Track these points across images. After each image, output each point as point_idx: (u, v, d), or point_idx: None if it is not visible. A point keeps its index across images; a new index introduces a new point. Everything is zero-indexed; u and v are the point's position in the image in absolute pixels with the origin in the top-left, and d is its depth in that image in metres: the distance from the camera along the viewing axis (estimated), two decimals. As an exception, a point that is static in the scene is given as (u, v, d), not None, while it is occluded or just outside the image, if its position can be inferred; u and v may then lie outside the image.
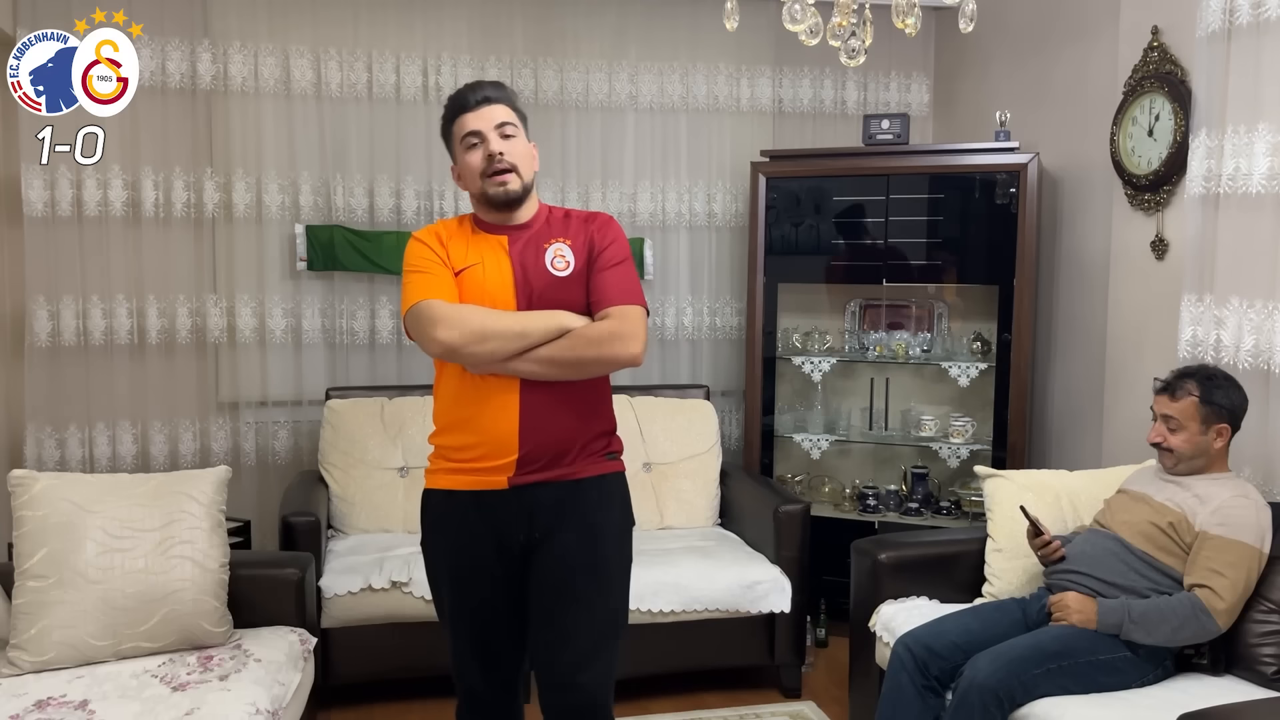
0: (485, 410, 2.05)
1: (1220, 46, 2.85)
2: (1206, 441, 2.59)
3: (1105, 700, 2.37)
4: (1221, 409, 2.58)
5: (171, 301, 4.05)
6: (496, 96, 2.12)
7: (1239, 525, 2.46)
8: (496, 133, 2.09)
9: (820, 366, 4.19)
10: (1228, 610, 2.42)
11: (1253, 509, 2.50)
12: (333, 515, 3.80)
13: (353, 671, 3.31)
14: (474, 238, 2.15)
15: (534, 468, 2.05)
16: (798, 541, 3.51)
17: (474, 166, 2.10)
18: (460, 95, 2.13)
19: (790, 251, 4.20)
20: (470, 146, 2.11)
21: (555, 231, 2.15)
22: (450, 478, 2.13)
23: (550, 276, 2.09)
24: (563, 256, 2.12)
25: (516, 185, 2.10)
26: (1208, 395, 2.58)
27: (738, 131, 4.51)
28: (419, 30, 4.17)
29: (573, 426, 2.08)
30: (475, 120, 2.10)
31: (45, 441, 3.94)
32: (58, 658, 2.48)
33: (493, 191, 2.09)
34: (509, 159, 2.08)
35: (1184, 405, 2.59)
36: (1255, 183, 2.77)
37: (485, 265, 2.11)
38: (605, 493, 2.14)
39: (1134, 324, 3.41)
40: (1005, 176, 3.85)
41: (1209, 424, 2.58)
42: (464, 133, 2.11)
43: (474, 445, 2.07)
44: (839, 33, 2.65)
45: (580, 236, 2.14)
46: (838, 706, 3.39)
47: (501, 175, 2.08)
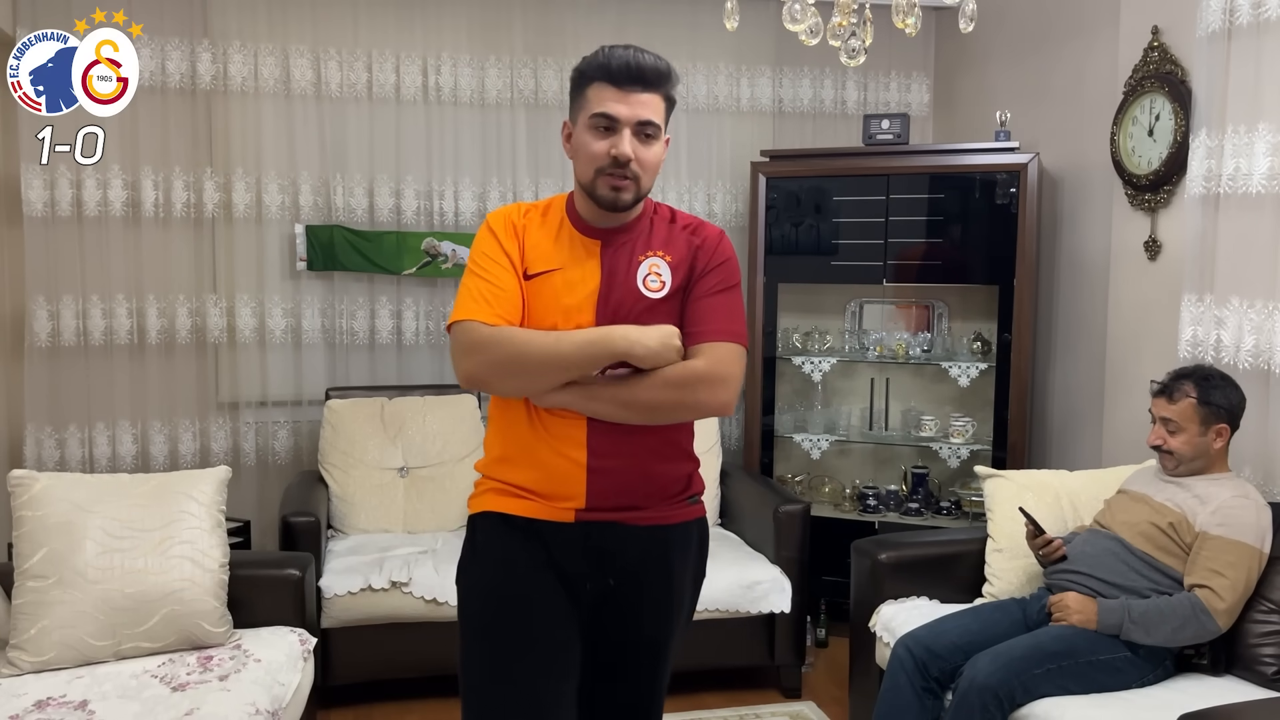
0: (545, 444, 1.76)
1: (1220, 46, 2.85)
2: (1206, 442, 2.58)
3: (1105, 700, 2.37)
4: (1220, 409, 2.57)
5: (171, 301, 4.05)
6: (655, 83, 1.74)
7: (1239, 525, 2.46)
8: (635, 130, 1.73)
9: (820, 366, 4.18)
10: (1228, 610, 2.42)
11: (1253, 509, 2.49)
12: (333, 515, 3.80)
13: (353, 671, 3.31)
14: (563, 232, 1.82)
15: (605, 508, 1.77)
16: (798, 541, 3.51)
17: (593, 154, 1.74)
18: (613, 62, 1.73)
19: (790, 251, 4.20)
20: (598, 129, 1.74)
21: (656, 241, 1.82)
22: (504, 500, 1.80)
23: (640, 297, 1.77)
24: (658, 274, 1.79)
25: (631, 196, 1.76)
26: (1205, 396, 2.57)
27: (738, 131, 4.51)
28: (419, 30, 4.17)
29: (649, 468, 1.79)
30: (617, 104, 1.72)
31: (45, 441, 3.94)
32: (57, 658, 2.48)
33: (602, 194, 1.75)
34: (636, 168, 1.74)
35: (1182, 407, 2.59)
36: (1255, 183, 2.77)
37: (569, 273, 1.79)
38: (685, 542, 1.87)
39: (1134, 324, 3.41)
40: (1005, 176, 3.85)
41: (1208, 425, 2.58)
42: (597, 110, 1.73)
43: (533, 481, 1.78)
44: (839, 33, 2.65)
45: (683, 251, 1.82)
46: (838, 707, 3.39)
47: (620, 181, 1.74)
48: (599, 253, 1.80)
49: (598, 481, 1.74)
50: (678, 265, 1.81)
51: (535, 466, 1.77)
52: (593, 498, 1.75)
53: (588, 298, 1.77)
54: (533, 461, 1.77)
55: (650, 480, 1.80)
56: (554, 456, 1.75)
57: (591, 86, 1.74)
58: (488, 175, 4.26)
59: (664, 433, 1.80)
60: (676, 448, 1.84)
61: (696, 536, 1.90)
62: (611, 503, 1.76)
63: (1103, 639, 2.46)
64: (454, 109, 4.20)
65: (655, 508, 1.81)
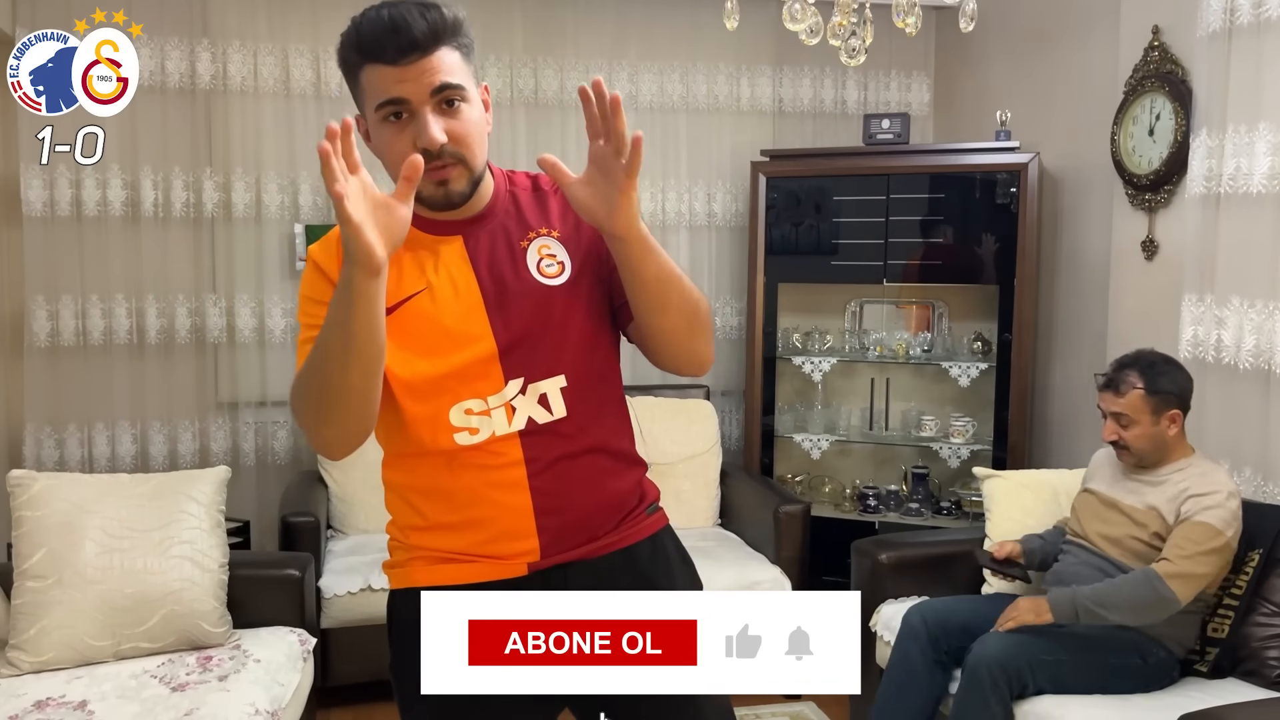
0: (476, 493, 1.43)
1: (1221, 46, 2.85)
2: (1161, 431, 2.53)
3: (1106, 700, 2.37)
4: (1169, 395, 2.51)
5: (171, 301, 4.05)
6: (434, 39, 1.34)
7: (1205, 509, 2.42)
8: (434, 104, 1.35)
9: (820, 366, 4.18)
10: (1181, 576, 2.35)
11: (1221, 496, 2.44)
12: (332, 515, 3.80)
13: (352, 672, 3.31)
14: (411, 242, 1.36)
15: (561, 549, 1.46)
16: (798, 541, 3.51)
17: (397, 152, 1.35)
18: (371, 33, 1.36)
19: (790, 251, 4.20)
20: (390, 119, 1.36)
21: (530, 217, 1.47)
22: (436, 569, 1.45)
23: (540, 290, 1.43)
24: (552, 256, 1.45)
25: (463, 183, 1.39)
26: (1153, 384, 2.51)
27: (738, 131, 4.51)
28: (418, 30, 4.16)
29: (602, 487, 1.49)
30: (397, 82, 1.34)
31: (44, 441, 3.94)
32: (57, 658, 2.48)
33: (428, 195, 1.38)
34: (454, 148, 1.36)
35: (1130, 399, 2.53)
36: (1256, 182, 2.76)
37: (438, 289, 1.42)
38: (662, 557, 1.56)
39: (1134, 324, 3.41)
40: (1006, 176, 3.85)
41: (1160, 413, 2.52)
42: (381, 98, 1.35)
43: (472, 543, 1.45)
44: (839, 32, 2.65)
45: (565, 221, 1.48)
46: (838, 706, 3.38)
47: (441, 172, 1.36)
48: (464, 252, 1.44)
49: (551, 522, 1.44)
50: (568, 238, 1.46)
51: (471, 527, 1.43)
52: (547, 543, 1.44)
53: (474, 311, 1.41)
54: (466, 521, 1.43)
55: (606, 503, 1.49)
56: (492, 508, 1.42)
57: (364, 72, 1.38)
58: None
59: (611, 441, 1.50)
60: (624, 455, 1.53)
61: (672, 548, 1.59)
62: (569, 542, 1.45)
63: (1115, 639, 2.42)
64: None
65: (615, 529, 1.50)
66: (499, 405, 1.41)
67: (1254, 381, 2.75)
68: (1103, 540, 2.60)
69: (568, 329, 1.44)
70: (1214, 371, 2.90)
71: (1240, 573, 2.52)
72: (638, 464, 1.57)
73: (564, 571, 1.46)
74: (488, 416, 1.41)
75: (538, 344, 1.42)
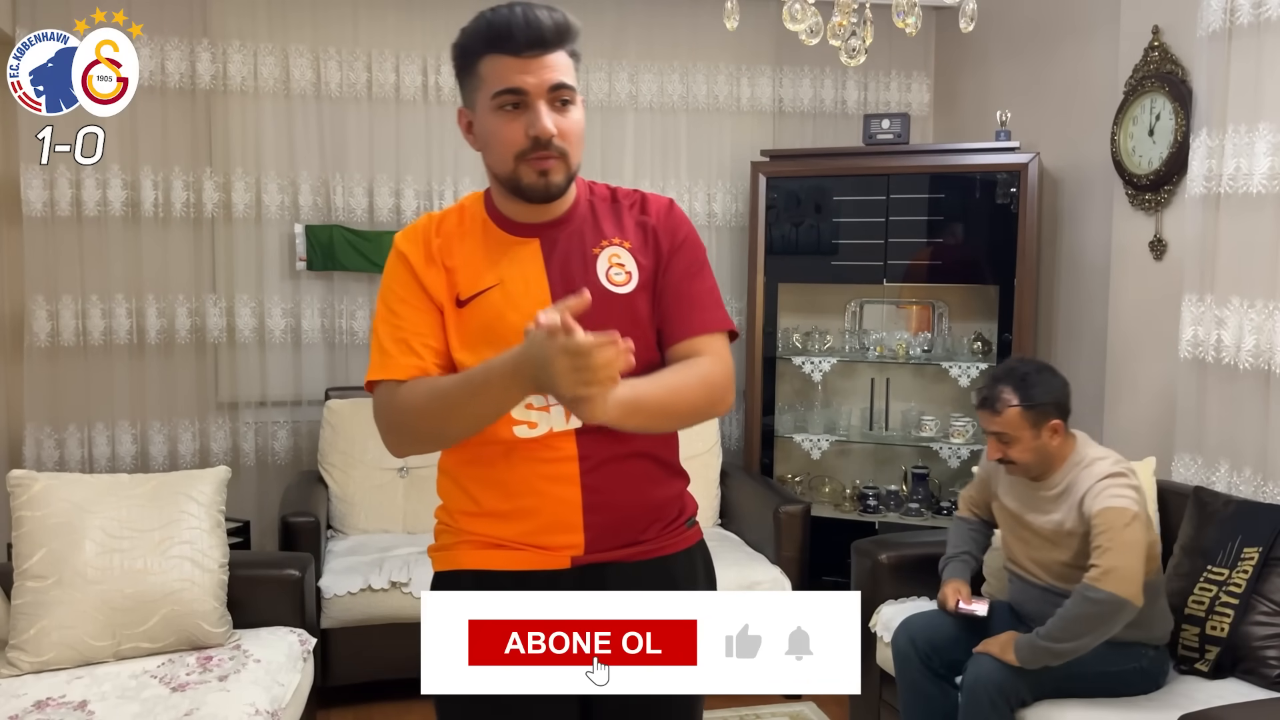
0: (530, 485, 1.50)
1: (1221, 46, 2.85)
2: (1043, 444, 2.45)
3: (1106, 701, 2.37)
4: (1046, 406, 2.44)
5: (171, 301, 4.05)
6: (558, 39, 1.45)
7: (1101, 497, 2.36)
8: (549, 100, 1.44)
9: (820, 366, 4.18)
10: (1111, 573, 2.27)
11: (1110, 478, 2.38)
12: (332, 515, 3.80)
13: (352, 672, 3.31)
14: (490, 239, 1.52)
15: (604, 548, 1.52)
16: (798, 542, 3.51)
17: (508, 142, 1.45)
18: (504, 24, 1.44)
19: (790, 251, 4.20)
20: (505, 109, 1.45)
21: (605, 226, 1.54)
22: (482, 554, 1.52)
23: (607, 294, 1.48)
24: (621, 265, 1.52)
25: (562, 176, 1.47)
26: (1027, 398, 2.43)
27: (738, 131, 4.51)
28: (418, 30, 4.17)
29: (648, 494, 1.56)
30: (520, 73, 1.43)
31: (44, 442, 3.94)
32: (57, 658, 2.48)
33: (529, 183, 1.46)
34: (561, 143, 1.45)
35: (1008, 417, 2.45)
36: (1256, 182, 2.76)
37: (508, 286, 1.50)
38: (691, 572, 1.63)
39: (1134, 324, 3.41)
40: (1006, 176, 3.85)
41: (1039, 426, 2.44)
42: (498, 87, 1.44)
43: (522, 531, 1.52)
44: (839, 32, 2.65)
45: (638, 234, 1.55)
46: (838, 707, 3.38)
47: (546, 163, 1.45)
48: (539, 254, 1.51)
49: (596, 519, 1.50)
50: (638, 250, 1.53)
51: (522, 516, 1.50)
52: (591, 539, 1.50)
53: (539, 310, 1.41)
54: (518, 510, 1.50)
55: (650, 507, 1.56)
56: (543, 499, 1.49)
57: (484, 61, 1.46)
58: (487, 175, 4.25)
59: (659, 450, 1.57)
60: (670, 466, 1.61)
61: (701, 564, 1.67)
62: (611, 540, 1.52)
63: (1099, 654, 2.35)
64: (454, 109, 4.16)
65: (656, 538, 1.57)
66: (558, 403, 1.42)
67: (1254, 381, 2.75)
68: (1036, 566, 2.54)
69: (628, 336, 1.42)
70: (1214, 371, 2.90)
71: (1236, 569, 2.52)
72: (681, 476, 1.64)
73: (602, 571, 1.51)
74: (547, 412, 1.48)
75: None
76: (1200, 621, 2.53)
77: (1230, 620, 2.48)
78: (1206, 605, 2.53)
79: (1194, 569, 2.62)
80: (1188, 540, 2.71)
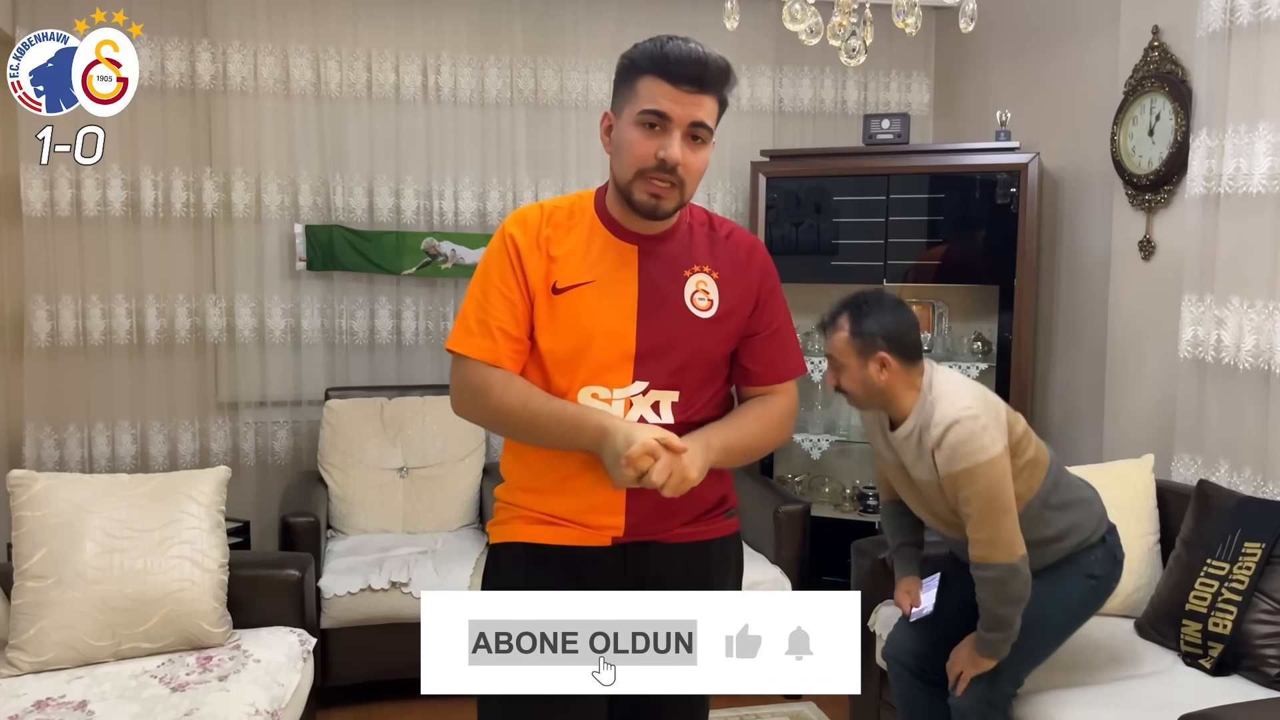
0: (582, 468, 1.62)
1: (1221, 46, 2.85)
2: (869, 376, 2.31)
3: (1106, 700, 2.37)
4: (874, 337, 2.30)
5: (171, 301, 4.05)
6: (714, 83, 1.59)
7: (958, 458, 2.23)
8: (685, 132, 1.57)
9: (820, 367, 4.18)
10: (991, 544, 2.22)
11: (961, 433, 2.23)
12: (332, 515, 3.80)
13: (352, 672, 3.31)
14: (595, 237, 1.65)
15: (643, 530, 1.65)
16: (798, 542, 3.51)
17: (637, 154, 1.57)
18: (674, 53, 1.57)
19: (790, 251, 4.20)
20: (646, 126, 1.57)
21: (699, 253, 1.67)
22: (533, 528, 1.66)
23: (688, 316, 1.63)
24: (706, 293, 1.65)
25: (672, 205, 1.60)
26: (857, 326, 2.31)
27: (738, 131, 4.50)
28: (418, 30, 4.17)
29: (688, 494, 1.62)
30: (671, 102, 1.55)
31: (44, 442, 3.94)
32: (57, 658, 2.48)
33: (640, 199, 1.59)
34: (682, 174, 1.58)
35: (836, 342, 2.35)
36: (1256, 183, 2.76)
37: (604, 285, 1.62)
38: (724, 560, 1.76)
39: (1134, 324, 3.41)
40: (1006, 176, 3.85)
41: (865, 357, 2.31)
42: (648, 106, 1.56)
43: (570, 509, 1.65)
44: (839, 32, 2.65)
45: (727, 266, 1.68)
46: (838, 707, 3.38)
47: (662, 188, 1.57)
48: (635, 261, 1.64)
49: (639, 504, 1.63)
50: (725, 281, 1.67)
51: (571, 494, 1.64)
52: (632, 521, 1.64)
53: (626, 314, 1.61)
54: (568, 489, 1.64)
55: (690, 501, 1.64)
56: (593, 483, 1.61)
57: (643, 79, 1.57)
58: (487, 175, 4.26)
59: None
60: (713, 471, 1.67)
61: (735, 554, 1.79)
62: (651, 523, 1.65)
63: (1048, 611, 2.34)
64: (454, 109, 4.20)
65: (694, 523, 1.69)
66: (620, 398, 1.62)
67: (1254, 381, 2.75)
68: (942, 525, 2.46)
69: (697, 356, 1.64)
70: (1214, 371, 2.90)
71: (1237, 564, 2.52)
72: (724, 477, 1.76)
73: (643, 549, 1.66)
74: (609, 404, 1.62)
75: (668, 360, 1.63)
76: (1203, 618, 2.53)
77: (1233, 617, 2.48)
78: (1209, 602, 2.54)
79: (1193, 561, 2.63)
80: (1188, 533, 2.72)
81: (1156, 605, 2.72)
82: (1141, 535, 2.90)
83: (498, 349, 1.62)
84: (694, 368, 1.65)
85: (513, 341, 1.63)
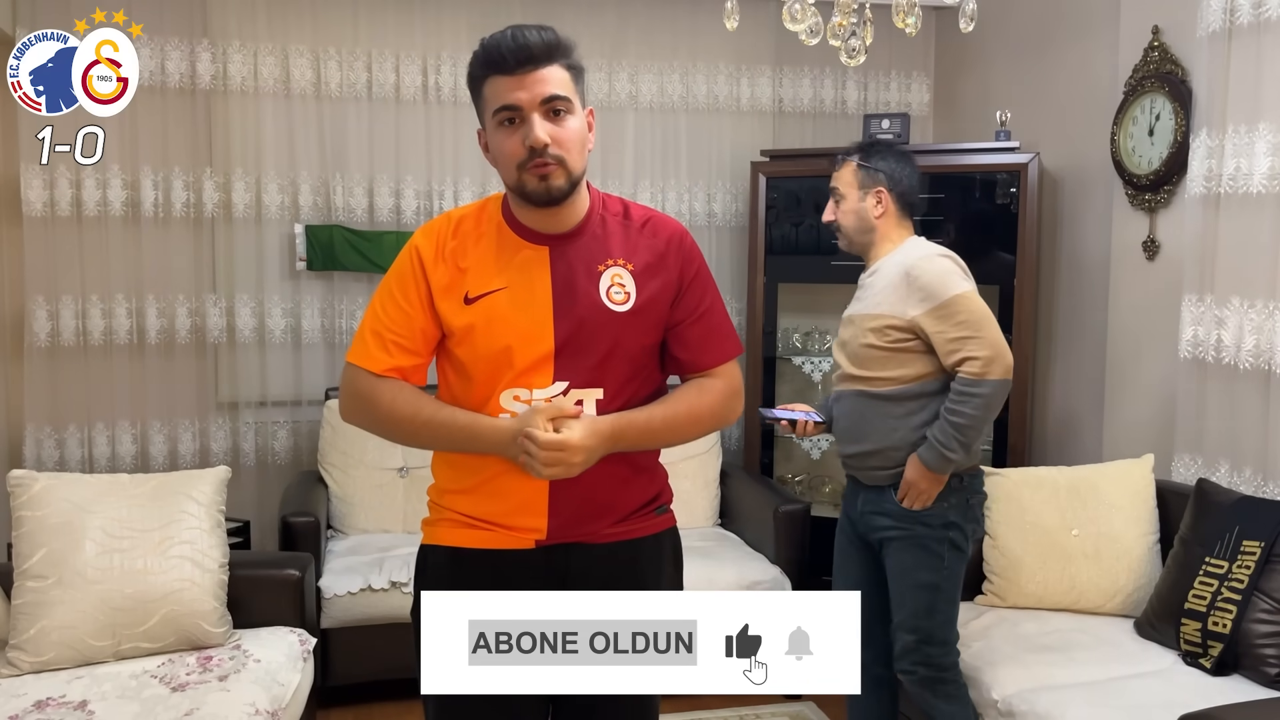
0: (503, 470, 1.62)
1: (1221, 46, 2.85)
2: (865, 209, 2.53)
3: (1106, 700, 2.37)
4: (877, 172, 2.51)
5: (171, 301, 4.05)
6: (547, 56, 1.58)
7: (937, 285, 2.39)
8: (543, 111, 1.57)
9: (820, 366, 4.18)
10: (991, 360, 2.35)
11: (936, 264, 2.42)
12: (332, 515, 3.80)
13: (352, 672, 3.31)
14: (504, 242, 1.65)
15: (567, 531, 1.65)
16: (798, 541, 3.51)
17: (507, 152, 1.59)
18: (495, 47, 1.57)
19: (790, 251, 4.20)
20: (505, 124, 1.58)
21: (613, 246, 1.66)
22: (457, 532, 1.68)
23: (604, 311, 1.62)
24: (621, 285, 1.64)
25: (562, 180, 1.58)
26: (865, 159, 2.53)
27: (738, 131, 4.51)
28: (418, 30, 4.17)
29: (620, 483, 1.67)
30: (513, 90, 1.56)
31: (44, 442, 3.94)
32: (57, 658, 2.48)
33: (532, 189, 1.59)
34: (556, 150, 1.57)
35: (843, 173, 2.56)
36: (1256, 183, 2.77)
37: (516, 290, 1.62)
38: (657, 557, 1.74)
39: (1134, 324, 3.41)
40: (1006, 176, 3.85)
41: (866, 189, 2.52)
42: (496, 105, 1.58)
43: (492, 511, 1.66)
44: (839, 32, 2.65)
45: (643, 255, 1.67)
46: (837, 707, 3.38)
47: (544, 169, 1.57)
48: (548, 261, 1.63)
49: (562, 505, 1.62)
50: (641, 273, 1.65)
51: (495, 496, 1.64)
52: (556, 523, 1.63)
53: (541, 316, 1.61)
54: (491, 490, 1.64)
55: (616, 502, 1.67)
56: (514, 484, 1.61)
57: (486, 84, 1.60)
58: (487, 175, 4.25)
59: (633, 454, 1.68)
60: (644, 469, 1.72)
61: (669, 549, 1.77)
62: (576, 525, 1.64)
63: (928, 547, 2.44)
64: (454, 109, 4.19)
65: (623, 522, 1.68)
66: (542, 399, 1.61)
67: (1254, 381, 2.75)
68: (843, 359, 2.56)
69: (616, 351, 1.63)
70: (1214, 371, 2.90)
71: (1236, 562, 2.52)
72: (653, 470, 1.75)
73: (566, 551, 1.64)
74: (530, 406, 1.60)
75: (587, 357, 1.62)
76: (1202, 617, 2.53)
77: (1233, 617, 2.48)
78: (1208, 601, 2.54)
79: (1192, 560, 2.63)
80: (1187, 531, 2.72)
81: (1156, 605, 2.72)
82: (1141, 535, 2.90)
83: (389, 360, 1.63)
84: (615, 363, 1.63)
85: (406, 353, 1.64)
